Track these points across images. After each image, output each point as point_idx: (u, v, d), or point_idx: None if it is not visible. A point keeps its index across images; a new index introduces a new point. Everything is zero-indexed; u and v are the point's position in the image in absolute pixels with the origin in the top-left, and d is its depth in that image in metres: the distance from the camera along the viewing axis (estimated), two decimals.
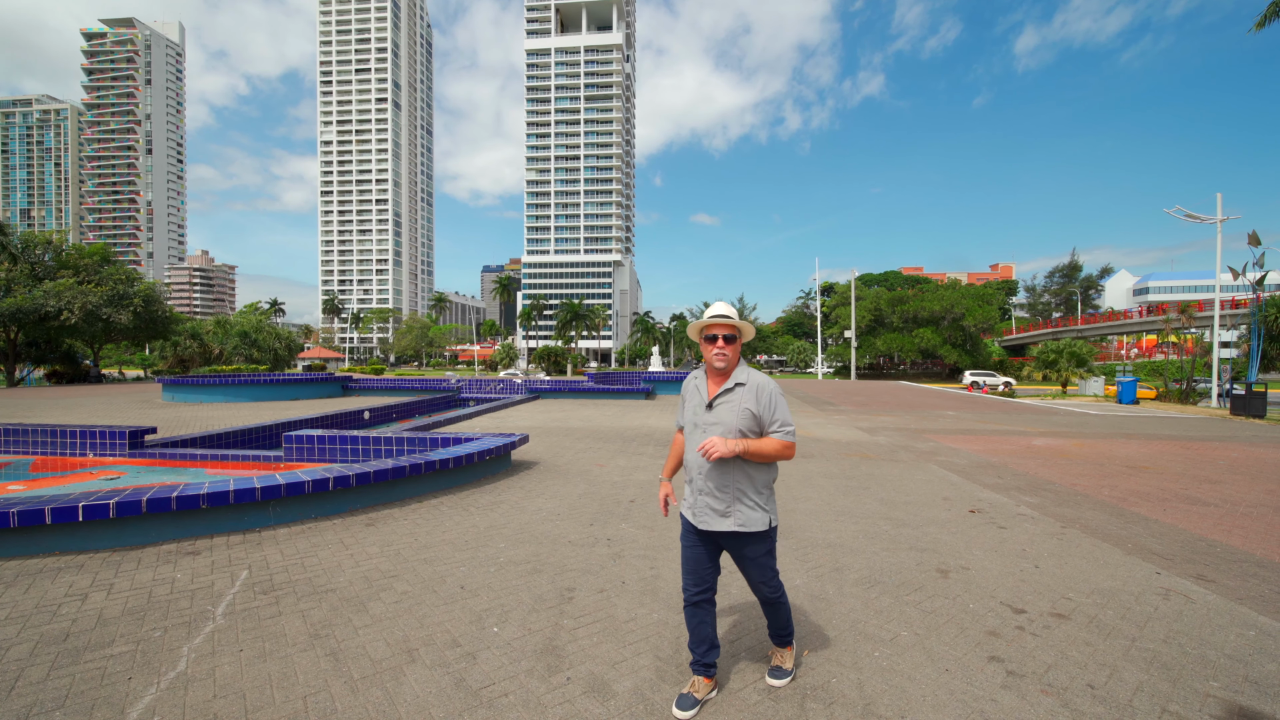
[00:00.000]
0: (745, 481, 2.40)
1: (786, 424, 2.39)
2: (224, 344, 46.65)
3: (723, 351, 2.44)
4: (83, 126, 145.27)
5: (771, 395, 2.40)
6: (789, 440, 2.37)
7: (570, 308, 74.97)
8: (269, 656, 2.76)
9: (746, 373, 2.45)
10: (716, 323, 2.45)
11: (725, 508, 2.40)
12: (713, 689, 2.48)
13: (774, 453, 2.35)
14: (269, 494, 4.62)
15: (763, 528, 2.40)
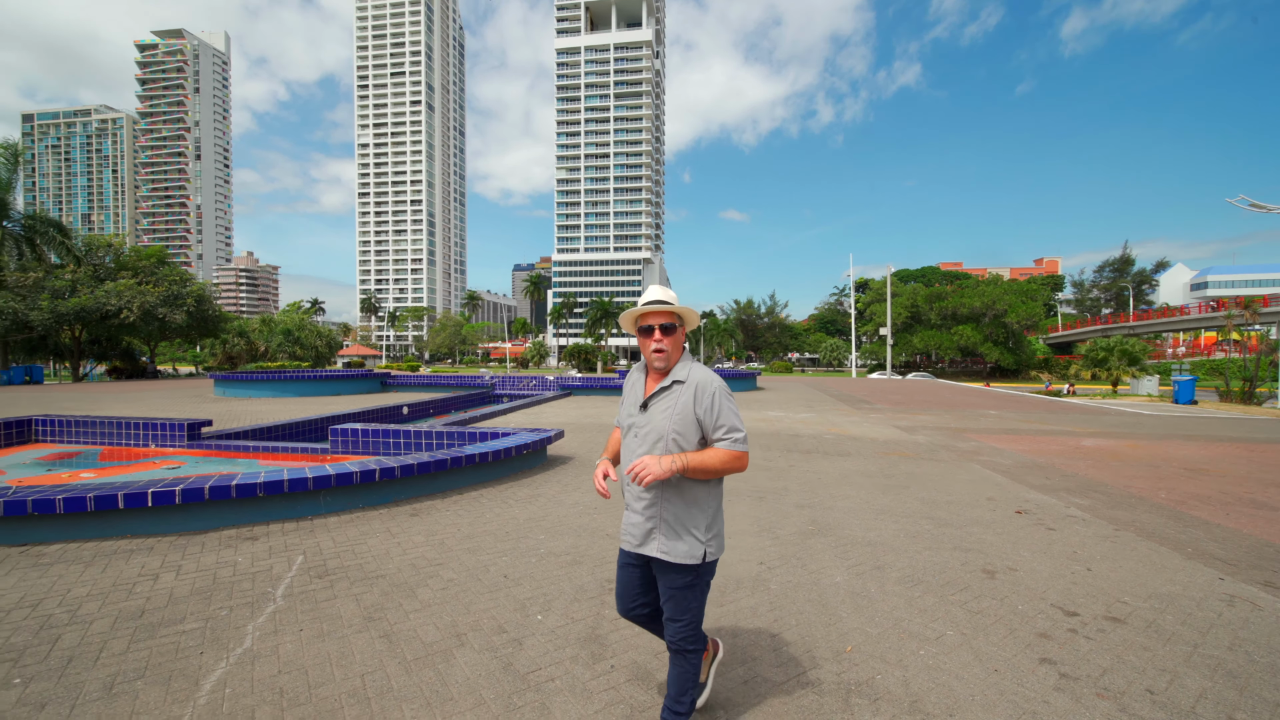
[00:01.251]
0: (679, 502, 1.99)
1: (735, 430, 1.97)
2: (269, 341, 48.50)
3: (661, 345, 2.03)
4: (137, 134, 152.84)
5: (715, 395, 1.97)
6: (739, 450, 1.96)
7: (600, 305, 75.47)
8: (327, 636, 2.89)
9: (689, 368, 2.05)
10: (652, 310, 2.04)
11: (652, 528, 2.01)
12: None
13: (720, 466, 1.93)
14: (320, 484, 4.82)
15: (690, 560, 1.98)
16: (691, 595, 2.03)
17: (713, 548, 2.02)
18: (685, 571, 2.00)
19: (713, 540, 2.03)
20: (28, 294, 28.48)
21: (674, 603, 2.03)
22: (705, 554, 2.00)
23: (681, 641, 2.03)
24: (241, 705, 2.33)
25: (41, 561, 3.89)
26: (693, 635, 2.05)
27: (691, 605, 2.03)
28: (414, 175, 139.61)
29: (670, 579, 2.02)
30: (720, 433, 1.97)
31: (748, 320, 79.07)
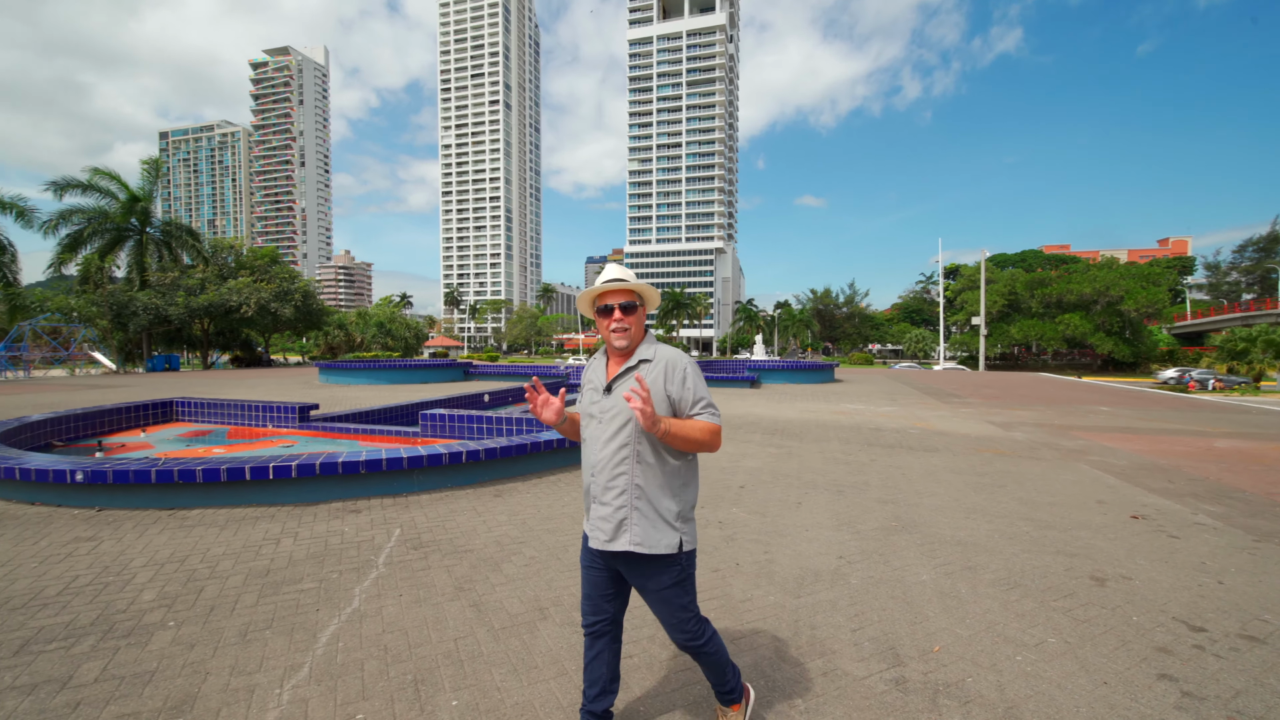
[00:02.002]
0: (653, 483, 1.85)
1: (708, 403, 1.86)
2: (364, 333, 52.35)
3: (622, 324, 1.90)
4: (251, 145, 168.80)
5: (686, 371, 1.86)
6: (715, 423, 1.83)
7: (672, 296, 75.43)
8: (423, 602, 3.12)
9: (654, 347, 1.94)
10: (610, 288, 1.91)
11: (623, 518, 1.84)
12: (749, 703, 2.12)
13: (700, 436, 1.79)
14: (414, 464, 5.18)
15: (669, 550, 1.83)
16: (679, 591, 1.88)
17: (688, 537, 1.88)
18: (668, 565, 1.85)
19: (687, 529, 1.89)
20: (166, 292, 32.37)
21: (663, 605, 1.88)
22: (681, 542, 1.85)
23: (691, 640, 1.92)
24: (352, 658, 2.57)
25: (185, 524, 4.45)
26: (701, 630, 1.93)
27: (681, 601, 1.88)
28: (493, 173, 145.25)
29: (654, 579, 1.87)
30: (697, 407, 1.84)
31: (825, 310, 76.28)
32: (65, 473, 4.80)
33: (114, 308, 30.97)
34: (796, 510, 4.87)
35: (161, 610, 3.03)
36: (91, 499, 4.90)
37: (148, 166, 31.36)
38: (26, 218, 26.17)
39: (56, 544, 4.03)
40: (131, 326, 31.46)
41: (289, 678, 2.43)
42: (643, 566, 1.87)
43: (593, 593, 2.00)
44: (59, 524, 4.46)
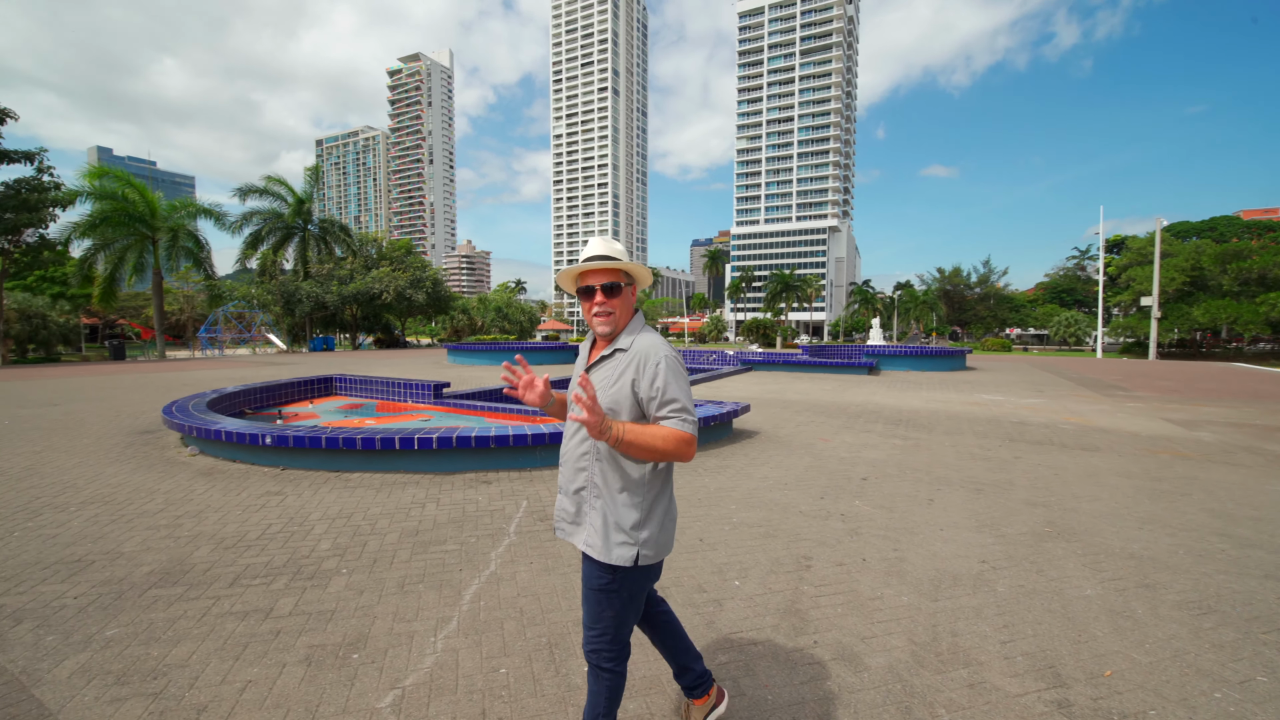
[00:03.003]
0: (614, 487, 1.66)
1: (680, 407, 1.60)
2: (484, 317, 56.18)
3: (605, 308, 1.70)
4: (389, 147, 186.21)
5: (660, 365, 1.61)
6: (684, 431, 1.57)
7: (780, 278, 72.81)
8: (552, 571, 3.31)
9: (633, 336, 1.72)
10: (592, 267, 1.70)
11: (577, 513, 1.72)
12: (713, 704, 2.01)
13: (661, 445, 1.54)
14: (537, 440, 5.48)
15: (621, 563, 1.62)
16: (605, 601, 1.66)
17: (648, 551, 1.65)
18: (604, 571, 1.66)
19: (649, 542, 1.65)
20: (323, 281, 36.92)
21: (587, 604, 1.71)
22: (637, 557, 1.63)
23: (591, 654, 1.70)
24: (493, 617, 2.79)
25: (349, 485, 5.07)
26: (606, 650, 1.68)
27: (604, 614, 1.67)
28: (601, 160, 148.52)
29: (588, 574, 1.71)
30: (666, 409, 1.60)
31: (954, 291, 69.60)
32: (257, 436, 5.66)
33: (284, 296, 35.96)
34: (928, 507, 4.52)
35: (335, 559, 3.49)
36: (276, 459, 5.74)
37: (309, 172, 35.78)
38: (220, 220, 30.99)
39: (253, 496, 4.77)
40: (297, 312, 36.38)
41: (441, 629, 2.69)
42: (586, 561, 1.74)
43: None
44: (253, 479, 5.27)
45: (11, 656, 2.46)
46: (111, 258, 27.33)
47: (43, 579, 3.22)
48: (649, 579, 1.73)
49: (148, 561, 3.44)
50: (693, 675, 1.97)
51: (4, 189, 21.84)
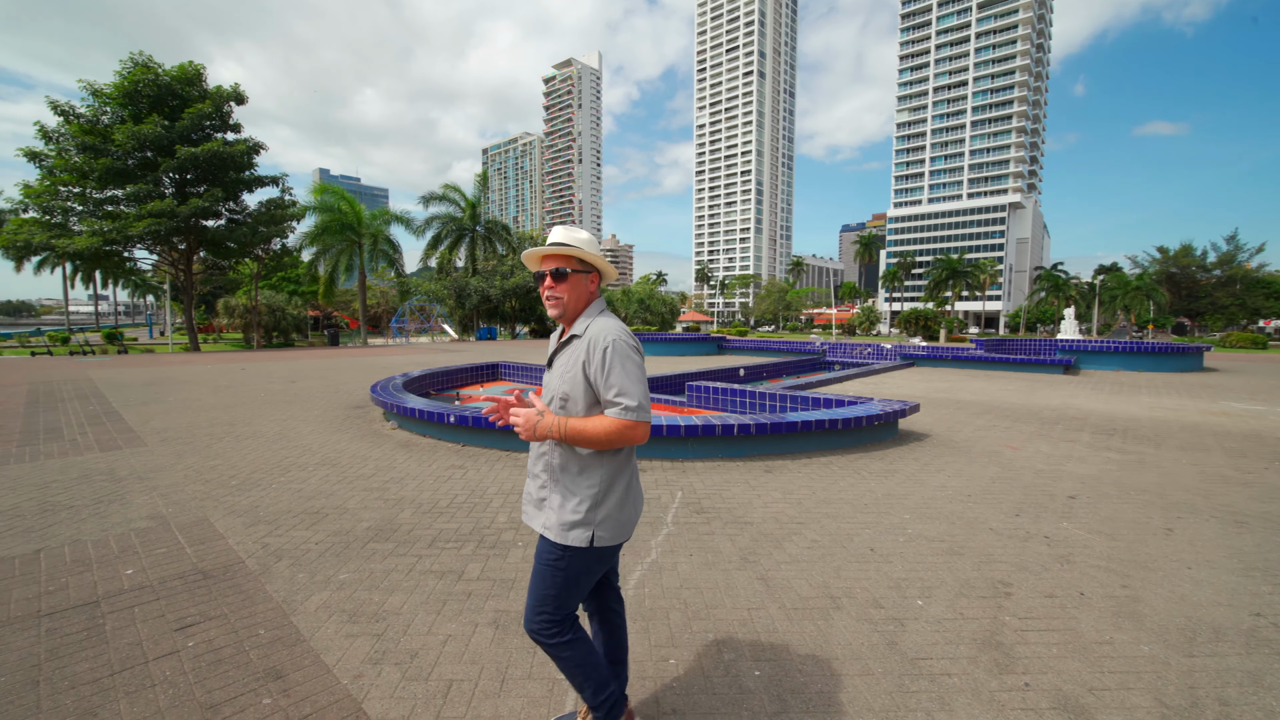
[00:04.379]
0: (571, 469, 1.69)
1: (626, 394, 1.59)
2: (627, 309, 58.13)
3: (553, 293, 1.74)
4: (543, 150, 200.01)
5: (606, 351, 1.62)
6: (629, 420, 1.58)
7: (946, 264, 65.40)
8: (712, 566, 3.26)
9: (588, 320, 1.73)
10: (546, 252, 1.76)
11: (542, 498, 1.75)
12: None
13: (602, 435, 1.59)
14: (690, 432, 5.48)
15: (577, 544, 1.66)
16: (550, 576, 1.70)
17: (603, 532, 1.68)
18: (556, 548, 1.70)
19: (605, 524, 1.68)
20: (488, 277, 40.84)
21: (535, 576, 1.74)
22: (592, 538, 1.66)
23: (533, 633, 1.72)
24: (658, 605, 2.82)
25: (518, 464, 5.50)
26: (545, 626, 1.70)
27: (546, 590, 1.70)
28: (744, 146, 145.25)
29: (540, 549, 1.74)
30: (610, 394, 1.61)
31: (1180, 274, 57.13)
32: (442, 415, 6.39)
33: (456, 290, 40.44)
34: (1166, 539, 3.70)
35: (511, 531, 3.79)
36: (458, 437, 6.43)
37: (478, 178, 39.78)
38: (408, 225, 35.77)
39: (441, 468, 5.38)
40: (467, 305, 40.71)
41: None
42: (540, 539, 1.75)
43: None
44: (440, 453, 5.95)
45: (276, 587, 3.02)
46: (330, 260, 33.00)
47: (293, 525, 3.92)
48: (601, 562, 1.76)
49: (366, 518, 4.04)
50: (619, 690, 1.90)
51: (260, 208, 27.27)
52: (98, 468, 5.40)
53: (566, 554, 1.69)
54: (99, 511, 4.18)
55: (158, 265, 28.41)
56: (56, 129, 22.69)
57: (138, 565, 3.28)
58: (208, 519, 4.03)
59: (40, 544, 3.59)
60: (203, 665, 2.33)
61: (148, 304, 62.65)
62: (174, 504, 4.35)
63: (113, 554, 3.43)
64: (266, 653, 2.43)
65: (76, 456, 5.82)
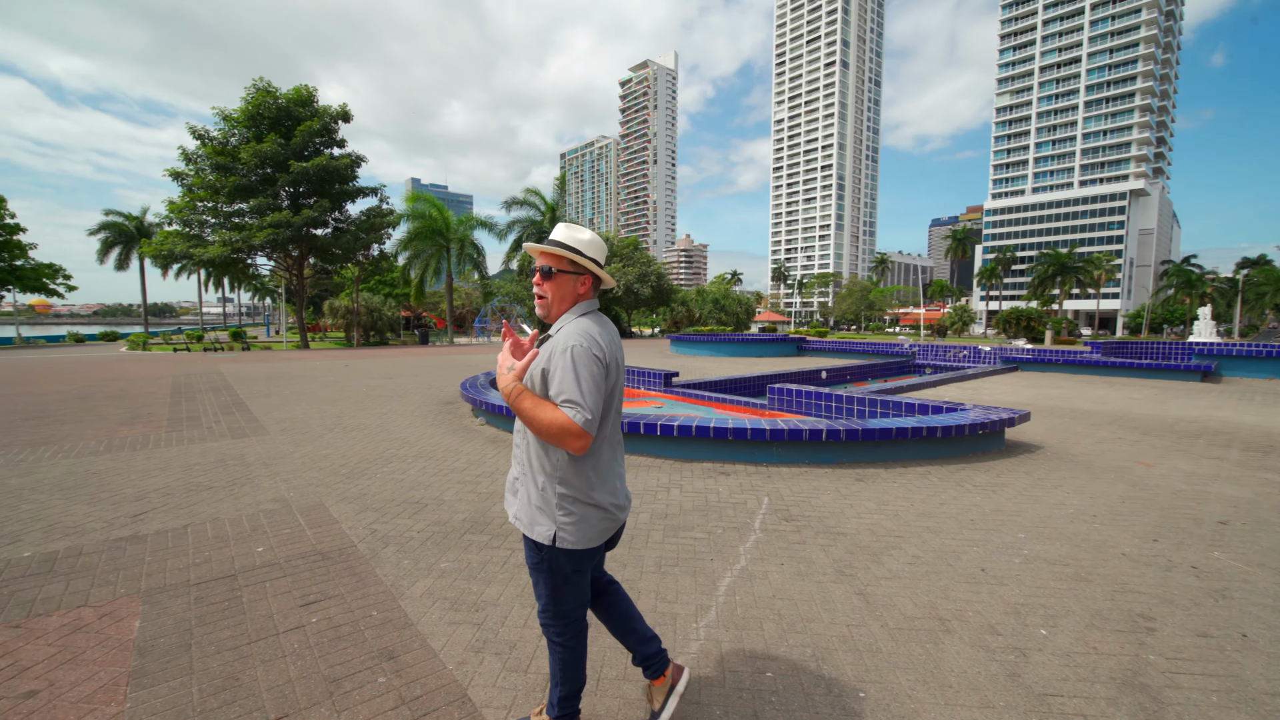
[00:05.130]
0: (536, 460, 1.73)
1: (573, 402, 1.57)
2: (702, 309, 57.71)
3: (539, 289, 1.80)
4: (619, 153, 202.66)
5: (565, 355, 1.61)
6: (569, 423, 1.54)
7: (1054, 259, 59.79)
8: (805, 577, 3.13)
9: (566, 322, 1.75)
10: (542, 249, 1.77)
11: (516, 487, 1.82)
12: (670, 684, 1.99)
13: (545, 423, 1.57)
14: (775, 436, 5.32)
15: (541, 539, 1.70)
16: (539, 578, 1.77)
17: (567, 534, 1.68)
18: (533, 549, 1.76)
19: (569, 528, 1.68)
20: None
21: (532, 578, 1.82)
22: (555, 537, 1.69)
23: (543, 626, 1.84)
24: (750, 615, 2.74)
25: None
26: (551, 624, 1.80)
27: (540, 590, 1.79)
28: (825, 140, 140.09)
29: (527, 553, 1.80)
30: (559, 399, 1.59)
31: None
32: None
33: None
34: None
35: None
36: None
37: (557, 182, 40.93)
38: (491, 229, 37.41)
39: None
40: None
41: (701, 616, 2.73)
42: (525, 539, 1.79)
43: None
44: None
45: (385, 571, 3.22)
46: (421, 264, 35.14)
47: (397, 513, 4.17)
48: (581, 563, 1.75)
49: (462, 510, 4.23)
50: (643, 655, 1.98)
51: (361, 217, 29.50)
52: (230, 453, 6.02)
53: (543, 555, 1.73)
54: (233, 493, 4.66)
55: (275, 270, 31.43)
56: (195, 151, 25.66)
57: (266, 544, 3.60)
58: (323, 504, 4.37)
59: (187, 520, 4.04)
60: (325, 641, 2.51)
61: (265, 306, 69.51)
62: (294, 489, 4.76)
63: (246, 532, 3.80)
64: (379, 633, 2.58)
65: (213, 442, 6.53)
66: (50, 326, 79.04)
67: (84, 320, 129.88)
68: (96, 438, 6.75)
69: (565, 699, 1.85)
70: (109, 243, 42.21)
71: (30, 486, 4.82)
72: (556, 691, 1.85)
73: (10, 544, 3.60)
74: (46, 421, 7.78)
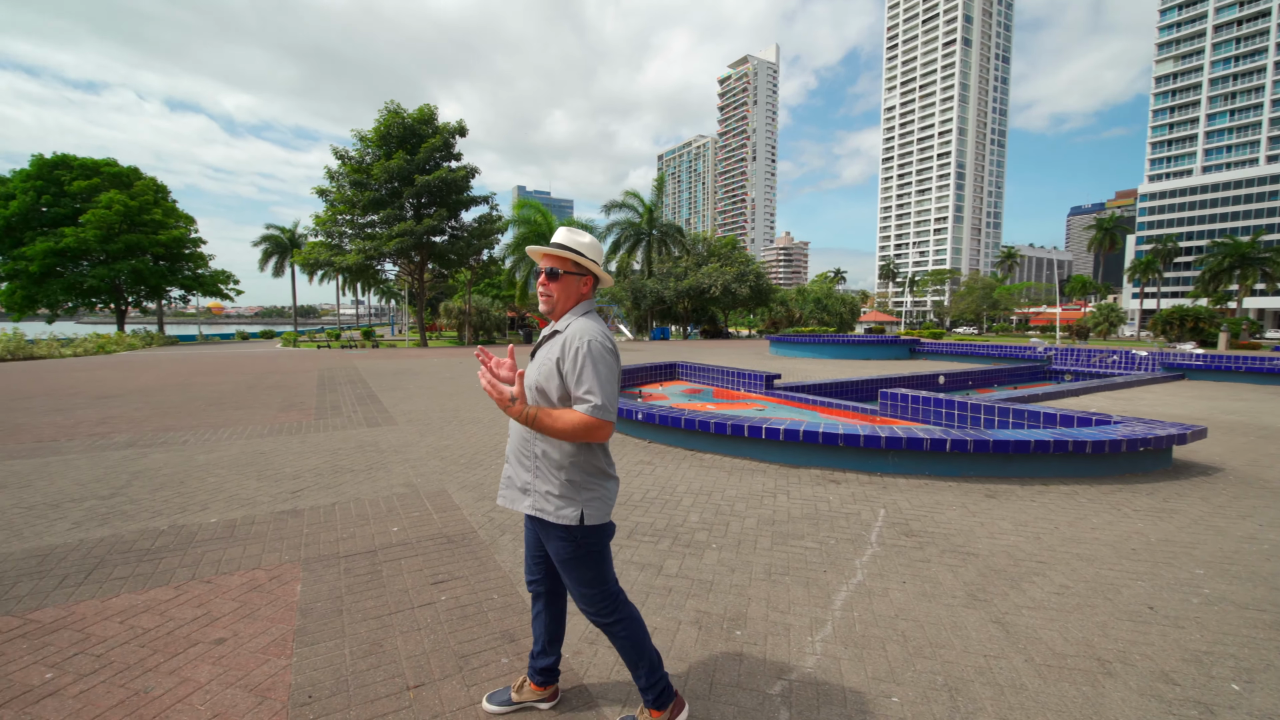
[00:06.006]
0: (552, 451, 1.79)
1: (593, 394, 1.66)
2: (802, 309, 55.68)
3: (545, 290, 1.85)
4: (716, 151, 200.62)
5: (579, 351, 1.70)
6: (593, 418, 1.65)
7: (1232, 249, 50.83)
8: (931, 599, 2.89)
9: (570, 318, 1.83)
10: (542, 251, 1.85)
11: (526, 482, 1.86)
12: (546, 697, 2.07)
13: (567, 429, 1.66)
14: (891, 444, 4.99)
15: (568, 521, 1.77)
16: (579, 566, 1.84)
17: (591, 510, 1.80)
18: (564, 536, 1.82)
19: (592, 502, 1.81)
20: (662, 279, 42.20)
21: (566, 574, 1.88)
22: (582, 515, 1.79)
23: (591, 615, 1.88)
24: (871, 634, 2.57)
25: (703, 464, 5.53)
26: (601, 607, 1.86)
27: (585, 577, 1.85)
28: (943, 126, 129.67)
29: (554, 546, 1.85)
30: (579, 392, 1.71)
31: None
32: (632, 412, 6.69)
33: (633, 292, 42.51)
34: None
35: (704, 532, 3.79)
36: (643, 433, 6.69)
37: (655, 183, 41.38)
38: (591, 232, 38.61)
39: (631, 462, 5.63)
40: (642, 306, 42.58)
41: (816, 630, 2.61)
42: (546, 530, 1.85)
43: (529, 551, 2.02)
44: (629, 448, 6.24)
45: (503, 558, 3.40)
46: (525, 267, 36.97)
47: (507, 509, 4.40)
48: (605, 535, 1.86)
49: None
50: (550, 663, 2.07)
51: (474, 224, 31.63)
52: (367, 440, 6.68)
53: (574, 540, 1.81)
54: (371, 476, 5.16)
55: (399, 275, 34.55)
56: (337, 170, 28.84)
57: (400, 524, 3.95)
58: (446, 490, 4.72)
59: (335, 499, 4.52)
60: (454, 618, 2.70)
61: (390, 307, 76.55)
62: (421, 475, 5.19)
63: (382, 512, 4.19)
64: (501, 616, 2.73)
65: (353, 430, 7.28)
66: (222, 325, 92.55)
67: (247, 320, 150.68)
68: (261, 422, 7.78)
69: (653, 672, 1.90)
70: (268, 253, 48.69)
71: (214, 463, 5.64)
72: (642, 674, 1.90)
73: (201, 511, 4.24)
74: (224, 407, 9.09)
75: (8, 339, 20.84)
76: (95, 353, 24.07)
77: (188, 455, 5.92)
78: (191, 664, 2.36)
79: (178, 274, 38.51)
